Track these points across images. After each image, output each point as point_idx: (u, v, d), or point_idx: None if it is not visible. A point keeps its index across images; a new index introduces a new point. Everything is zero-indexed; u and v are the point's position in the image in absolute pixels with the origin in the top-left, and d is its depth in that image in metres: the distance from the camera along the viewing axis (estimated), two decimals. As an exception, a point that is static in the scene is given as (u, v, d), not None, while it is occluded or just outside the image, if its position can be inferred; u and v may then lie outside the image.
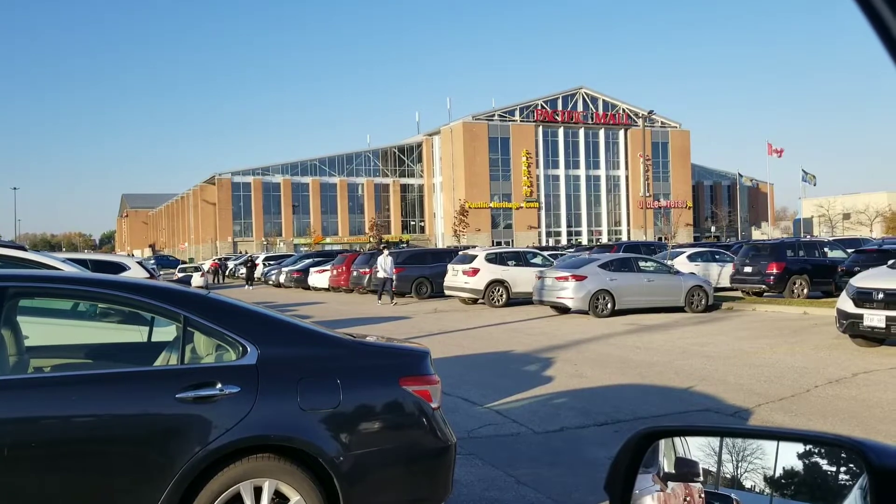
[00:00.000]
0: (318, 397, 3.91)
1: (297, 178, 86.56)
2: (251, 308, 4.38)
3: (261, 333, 4.03)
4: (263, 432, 3.80)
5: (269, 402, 3.83)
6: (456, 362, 11.96)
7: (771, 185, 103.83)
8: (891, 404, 8.20)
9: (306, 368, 3.99)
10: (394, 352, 4.45)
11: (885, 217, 68.30)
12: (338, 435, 3.89)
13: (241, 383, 3.81)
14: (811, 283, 22.15)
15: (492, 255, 24.53)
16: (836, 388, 9.22)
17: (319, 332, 4.31)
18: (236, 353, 3.95)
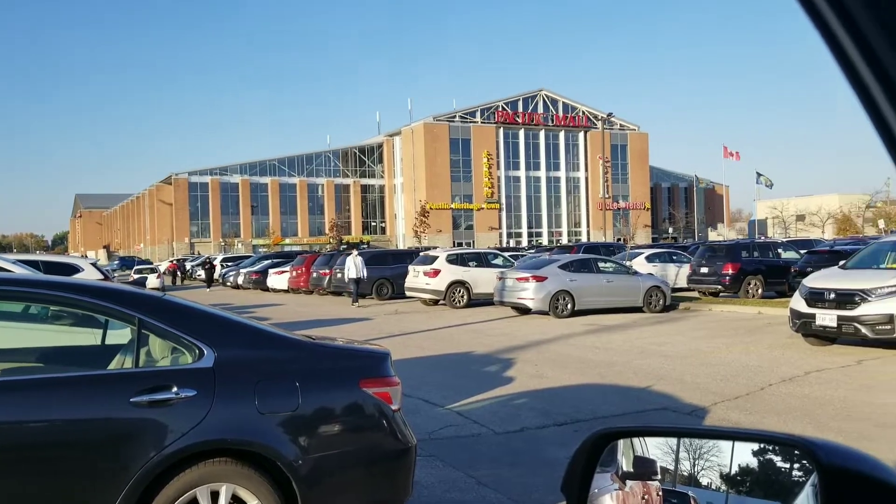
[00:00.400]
0: (277, 400, 3.87)
1: (255, 178, 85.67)
2: (207, 310, 4.31)
3: (217, 336, 3.97)
4: (220, 436, 3.75)
5: (227, 406, 3.78)
6: (417, 364, 11.95)
7: (727, 188, 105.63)
8: (842, 402, 8.40)
9: (264, 371, 3.94)
10: (353, 354, 4.42)
11: (837, 219, 70.02)
12: (296, 438, 3.86)
13: (198, 387, 3.76)
14: (765, 284, 22.60)
15: (453, 256, 24.56)
16: (790, 386, 9.41)
17: (277, 334, 4.26)
18: (192, 356, 3.89)
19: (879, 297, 11.20)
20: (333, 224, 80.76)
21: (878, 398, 8.51)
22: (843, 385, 9.32)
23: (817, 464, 1.07)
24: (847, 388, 9.10)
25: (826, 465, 1.04)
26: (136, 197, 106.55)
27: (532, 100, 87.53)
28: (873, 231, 58.73)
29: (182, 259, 58.24)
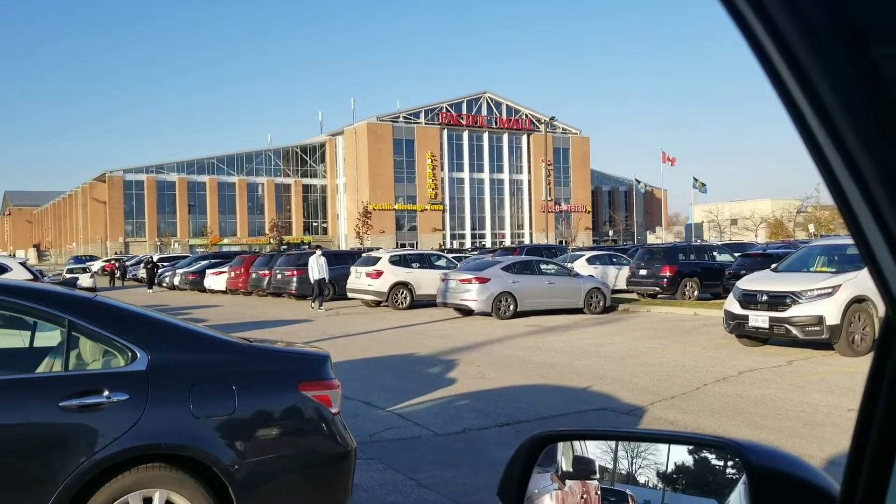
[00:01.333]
0: (213, 404, 3.78)
1: (193, 176, 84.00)
2: (141, 312, 4.19)
3: (151, 338, 3.87)
4: (154, 441, 3.66)
5: (161, 410, 3.69)
6: (358, 366, 11.86)
7: (665, 192, 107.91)
8: (774, 401, 8.64)
9: (200, 374, 3.85)
10: (292, 356, 4.35)
11: (769, 223, 72.20)
12: (233, 442, 3.78)
13: (130, 390, 3.65)
14: (701, 286, 23.17)
15: (396, 257, 24.49)
16: (724, 385, 9.64)
17: (214, 336, 4.17)
18: (125, 359, 3.78)
19: (809, 299, 11.58)
20: (274, 224, 79.73)
21: (808, 397, 8.79)
22: (775, 385, 9.60)
23: (746, 465, 1.11)
24: (778, 388, 9.37)
25: (754, 466, 1.09)
26: (69, 195, 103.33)
27: (476, 102, 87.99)
28: (804, 235, 60.76)
29: (121, 258, 55.88)
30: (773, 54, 0.48)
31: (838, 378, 9.92)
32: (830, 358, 11.51)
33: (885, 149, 0.47)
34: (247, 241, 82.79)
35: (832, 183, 0.52)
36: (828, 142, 0.50)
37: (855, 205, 0.51)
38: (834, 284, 11.61)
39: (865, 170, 0.48)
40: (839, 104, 0.47)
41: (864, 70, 0.44)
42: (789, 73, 0.48)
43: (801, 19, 0.45)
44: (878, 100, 0.45)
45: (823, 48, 0.45)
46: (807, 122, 0.50)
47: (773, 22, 0.46)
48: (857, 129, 0.47)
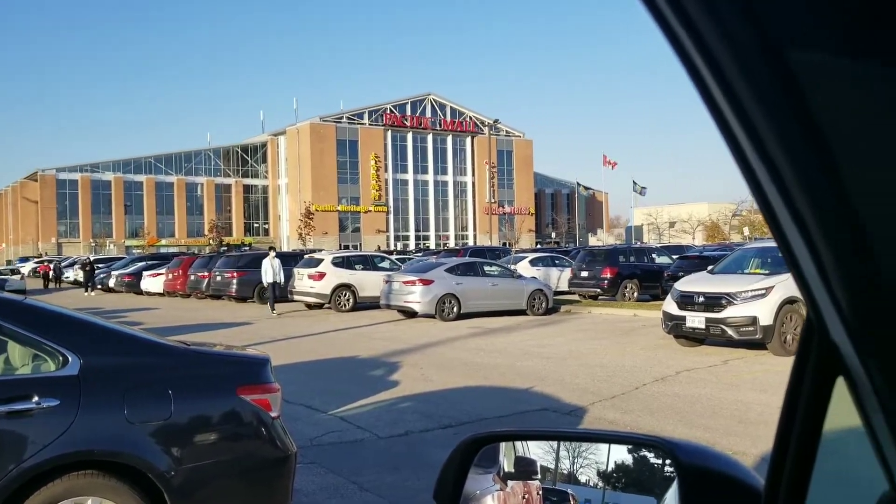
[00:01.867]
0: (148, 409, 3.69)
1: (129, 176, 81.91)
2: (73, 314, 4.07)
3: (83, 342, 3.75)
4: (86, 447, 3.56)
5: (93, 416, 3.58)
6: (300, 369, 11.72)
7: (606, 195, 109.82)
8: (710, 399, 8.86)
9: (134, 379, 3.75)
10: (230, 359, 4.28)
11: (706, 226, 74.05)
12: (169, 448, 3.69)
13: (61, 396, 3.54)
14: (641, 287, 23.61)
15: (339, 258, 24.30)
16: (662, 385, 9.84)
17: (149, 339, 4.07)
18: (56, 364, 3.67)
19: (744, 300, 11.91)
20: (213, 225, 78.26)
21: (743, 396, 9.03)
22: (711, 384, 9.84)
23: (676, 463, 1.14)
24: (714, 387, 9.61)
25: (684, 464, 1.11)
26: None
27: (420, 104, 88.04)
28: (739, 238, 62.51)
29: (56, 259, 53.38)
30: (696, 59, 0.48)
31: (771, 377, 10.22)
32: (764, 357, 11.84)
33: (803, 154, 0.48)
34: (185, 242, 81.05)
35: (756, 188, 0.53)
36: (751, 148, 0.50)
37: (777, 210, 0.52)
38: (767, 286, 11.97)
39: (786, 175, 0.49)
40: (759, 110, 0.47)
41: (781, 75, 0.45)
42: (712, 78, 0.49)
43: (721, 25, 0.45)
44: (796, 104, 0.46)
45: (743, 54, 0.46)
46: (731, 128, 0.51)
47: (696, 28, 0.47)
48: (778, 134, 0.48)
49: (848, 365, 0.60)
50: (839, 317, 0.54)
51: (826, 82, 0.44)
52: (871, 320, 0.52)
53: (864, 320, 0.52)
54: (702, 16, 0.45)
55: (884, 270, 0.48)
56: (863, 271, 0.49)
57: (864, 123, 0.44)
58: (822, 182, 0.47)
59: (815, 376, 0.69)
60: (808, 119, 0.45)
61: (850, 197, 0.46)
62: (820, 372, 0.69)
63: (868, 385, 0.56)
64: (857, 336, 0.54)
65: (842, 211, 0.47)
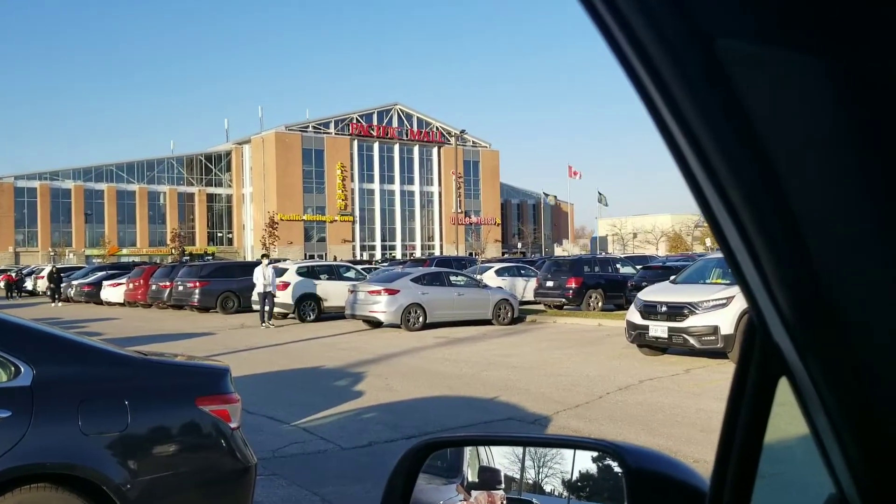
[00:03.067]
0: (103, 420, 3.60)
1: (90, 184, 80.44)
2: (25, 323, 3.97)
3: (37, 352, 3.66)
4: (38, 460, 3.46)
5: (46, 427, 3.49)
6: (262, 379, 11.59)
7: (571, 205, 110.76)
8: (672, 408, 8.94)
9: (89, 389, 3.66)
10: (189, 370, 4.21)
11: (669, 237, 75.06)
12: (125, 460, 3.60)
13: (13, 407, 3.45)
14: (605, 297, 23.80)
15: (303, 268, 24.14)
16: (625, 394, 9.91)
17: (105, 349, 3.98)
18: (7, 374, 3.57)
19: (705, 309, 12.06)
20: (176, 234, 77.19)
21: (704, 404, 9.12)
22: (673, 392, 9.93)
23: (624, 466, 1.14)
24: (676, 396, 9.70)
25: (631, 468, 1.12)
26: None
27: (387, 113, 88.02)
28: (701, 248, 63.41)
29: (20, 269, 50.08)
30: (626, 50, 0.48)
31: (732, 385, 10.34)
32: (725, 366, 11.98)
33: (736, 150, 0.47)
34: (147, 251, 79.82)
35: (695, 189, 0.53)
36: (686, 145, 0.50)
37: (716, 209, 0.52)
38: (728, 295, 12.12)
39: (721, 172, 0.49)
40: (690, 103, 0.47)
41: (710, 65, 0.45)
42: (643, 69, 0.48)
43: (648, 13, 0.45)
44: (726, 96, 0.45)
45: (671, 42, 0.45)
46: (667, 126, 0.50)
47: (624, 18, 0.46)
48: (709, 129, 0.47)
49: (790, 365, 0.60)
50: (779, 316, 0.53)
51: (756, 73, 0.43)
52: (809, 319, 0.52)
53: (803, 319, 0.52)
54: (629, 4, 0.44)
55: (820, 269, 0.48)
56: (800, 270, 0.49)
57: (795, 117, 0.44)
58: (755, 178, 0.47)
59: (757, 377, 0.69)
60: (739, 113, 0.45)
61: (786, 194, 0.46)
62: (762, 372, 0.69)
63: (810, 385, 0.56)
64: (797, 335, 0.54)
65: (777, 207, 0.47)
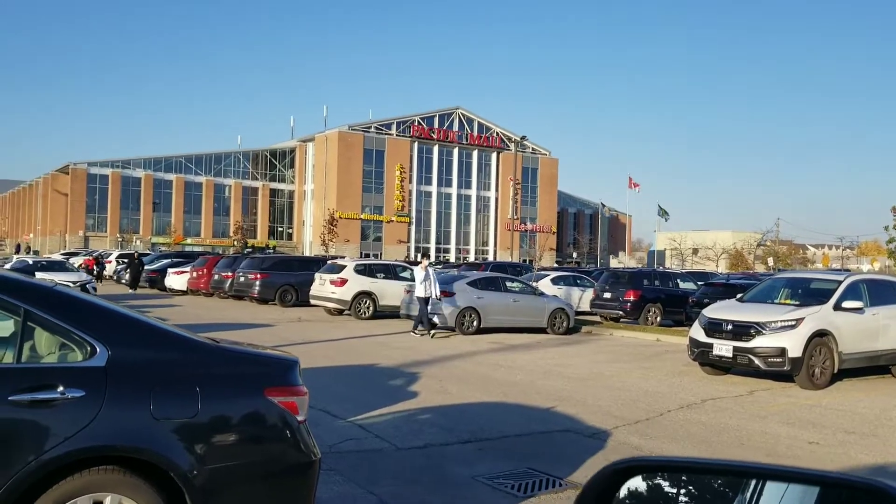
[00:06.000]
0: (174, 406, 3.59)
1: (160, 174, 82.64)
2: (103, 304, 3.99)
3: (112, 333, 3.66)
4: (109, 442, 3.45)
5: (118, 409, 3.48)
6: (318, 373, 11.63)
7: (629, 217, 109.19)
8: (737, 430, 8.64)
9: (162, 373, 3.65)
10: (260, 360, 4.17)
11: (730, 254, 73.35)
12: (193, 447, 3.58)
13: (87, 387, 3.45)
14: (664, 312, 23.33)
15: (361, 266, 24.26)
16: (688, 412, 9.63)
17: (179, 334, 3.97)
18: (83, 354, 3.57)
19: (773, 330, 11.67)
20: (239, 227, 78.60)
21: (770, 428, 8.81)
22: (737, 414, 9.61)
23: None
24: (741, 418, 9.39)
25: None
26: (29, 184, 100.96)
27: (448, 117, 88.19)
28: (762, 268, 61.82)
29: (101, 253, 47.79)
30: None
31: (798, 410, 9.98)
32: (791, 390, 11.59)
33: None
34: (210, 242, 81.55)
35: None
36: None
37: None
38: (797, 317, 11.73)
39: None
40: None
41: None
42: None
43: None
44: None
45: None
46: None
47: None
48: None
49: None
50: None
51: None
52: None
53: None
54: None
55: None
56: None
57: None
58: None
59: None
60: None
61: None
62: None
63: None
64: None
65: None
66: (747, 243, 74.98)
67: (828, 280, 13.23)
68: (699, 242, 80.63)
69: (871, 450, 7.88)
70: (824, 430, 8.80)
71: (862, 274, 16.43)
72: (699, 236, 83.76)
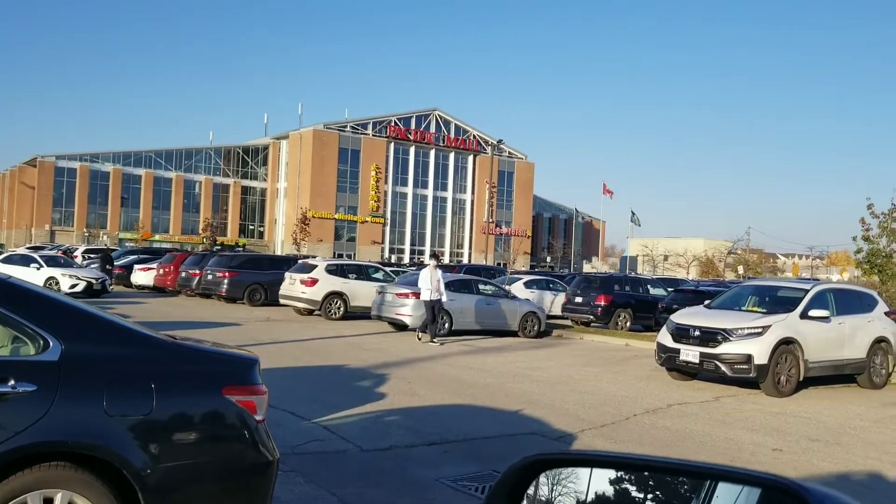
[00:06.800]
0: (128, 402, 3.51)
1: (129, 168, 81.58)
2: (58, 298, 3.89)
3: (67, 327, 3.57)
4: (60, 438, 3.38)
5: (71, 405, 3.40)
6: (285, 374, 11.51)
7: (603, 223, 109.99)
8: (701, 436, 8.69)
9: (117, 370, 3.57)
10: (218, 357, 4.09)
11: (701, 261, 74.18)
12: (147, 445, 3.51)
13: (39, 381, 3.37)
14: (634, 317, 23.49)
15: (333, 266, 24.10)
16: (653, 417, 9.67)
17: (136, 330, 3.88)
18: (36, 347, 3.49)
19: (740, 337, 11.77)
20: (208, 224, 77.92)
21: (734, 434, 8.87)
22: (702, 420, 9.67)
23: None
24: (705, 423, 9.44)
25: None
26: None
27: (425, 118, 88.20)
28: (733, 275, 62.54)
29: (67, 248, 46.06)
30: None
31: (763, 417, 10.06)
32: (756, 397, 11.70)
33: None
34: (179, 238, 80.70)
35: None
36: None
37: None
38: (764, 324, 11.84)
39: None
40: None
41: None
42: None
43: None
44: None
45: None
46: None
47: None
48: None
49: None
50: None
51: None
52: None
53: None
54: None
55: None
56: None
57: None
58: None
59: None
60: None
61: None
62: None
63: None
64: None
65: None
66: (718, 251, 75.87)
67: (795, 289, 13.39)
68: (671, 249, 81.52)
69: (834, 458, 7.96)
70: (788, 437, 8.88)
71: (829, 283, 16.66)
72: (671, 243, 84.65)
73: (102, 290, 26.74)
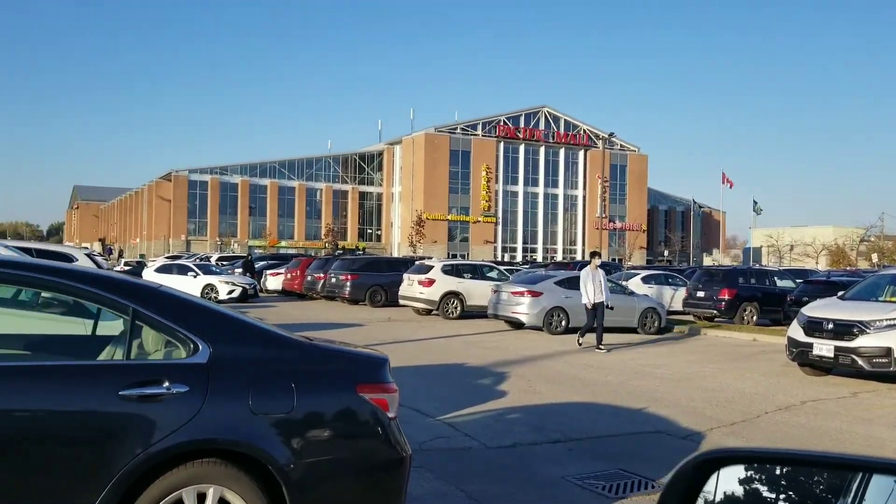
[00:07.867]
0: (271, 401, 3.72)
1: (255, 179, 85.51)
2: (205, 304, 4.18)
3: (214, 331, 3.82)
4: (211, 436, 3.60)
5: (219, 404, 3.63)
6: (408, 372, 11.78)
7: (723, 214, 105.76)
8: (839, 433, 8.29)
9: (260, 370, 3.80)
10: (352, 357, 4.28)
11: (831, 250, 70.13)
12: (289, 441, 3.71)
13: (190, 383, 3.61)
14: (761, 311, 22.53)
15: (448, 266, 24.43)
16: (786, 415, 9.29)
17: (275, 332, 4.12)
18: (187, 351, 3.74)
19: (878, 329, 11.12)
20: (329, 229, 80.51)
21: (875, 432, 8.41)
22: (840, 417, 9.22)
23: None
24: (843, 420, 9.00)
25: None
26: (135, 192, 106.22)
27: (534, 116, 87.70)
28: (866, 264, 58.83)
29: (206, 256, 47.43)
30: None
31: (908, 414, 9.48)
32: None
33: None
34: (303, 244, 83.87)
35: None
36: None
37: None
38: (905, 316, 11.13)
39: None
40: None
41: None
42: None
43: None
44: None
45: None
46: None
47: None
48: None
49: None
50: None
51: None
52: None
53: None
54: None
55: None
56: None
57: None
58: None
59: None
60: None
61: None
62: None
63: None
64: None
65: None
66: (849, 239, 71.44)
67: (939, 276, 12.50)
68: (797, 239, 77.41)
69: None
70: (936, 434, 8.33)
71: (978, 270, 15.44)
72: (797, 232, 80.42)
73: (254, 295, 28.50)
